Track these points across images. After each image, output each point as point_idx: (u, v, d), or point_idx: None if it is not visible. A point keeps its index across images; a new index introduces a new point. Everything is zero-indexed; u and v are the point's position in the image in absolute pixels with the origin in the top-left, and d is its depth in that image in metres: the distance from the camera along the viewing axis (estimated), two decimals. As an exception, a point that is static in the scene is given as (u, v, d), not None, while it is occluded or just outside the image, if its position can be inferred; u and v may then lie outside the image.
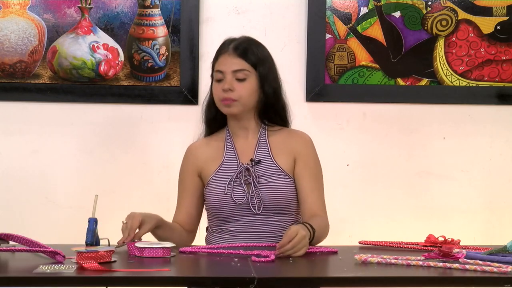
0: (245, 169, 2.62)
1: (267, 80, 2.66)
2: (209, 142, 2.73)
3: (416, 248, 2.49)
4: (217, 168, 2.65)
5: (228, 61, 2.64)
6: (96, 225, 2.36)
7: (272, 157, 2.65)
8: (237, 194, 2.60)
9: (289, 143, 2.68)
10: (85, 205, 3.03)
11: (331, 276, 2.15)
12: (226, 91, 2.61)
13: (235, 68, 2.63)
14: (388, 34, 3.45)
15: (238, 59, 2.64)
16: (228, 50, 2.65)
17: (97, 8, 3.37)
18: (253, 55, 2.65)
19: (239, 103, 2.62)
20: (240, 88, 2.62)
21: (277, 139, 2.69)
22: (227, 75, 2.63)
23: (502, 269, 2.05)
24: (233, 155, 2.66)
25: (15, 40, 3.36)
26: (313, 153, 2.70)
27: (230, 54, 2.64)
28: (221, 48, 2.69)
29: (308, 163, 2.66)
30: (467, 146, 3.50)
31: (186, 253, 2.35)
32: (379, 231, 3.35)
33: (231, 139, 2.69)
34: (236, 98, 2.61)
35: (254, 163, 2.63)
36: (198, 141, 2.76)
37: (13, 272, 2.10)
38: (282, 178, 2.63)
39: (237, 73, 2.63)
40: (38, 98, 3.37)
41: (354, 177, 3.47)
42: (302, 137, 2.72)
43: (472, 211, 3.50)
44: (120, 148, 3.41)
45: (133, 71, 3.39)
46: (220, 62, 2.66)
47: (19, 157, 3.38)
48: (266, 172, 2.62)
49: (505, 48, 3.48)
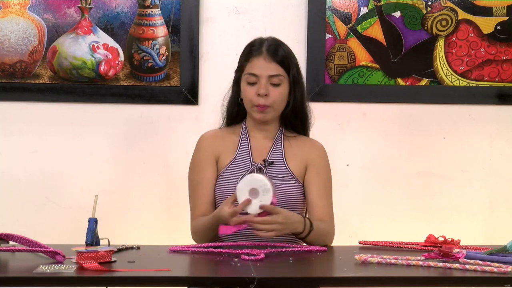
0: (257, 168, 2.62)
1: (298, 85, 2.67)
2: (224, 134, 2.72)
3: (416, 248, 2.49)
4: (229, 163, 2.65)
5: (264, 66, 2.61)
6: (96, 225, 2.36)
7: (285, 160, 2.66)
8: None
9: (303, 150, 2.69)
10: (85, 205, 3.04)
11: (331, 276, 2.15)
12: (262, 96, 2.60)
13: (271, 73, 2.61)
14: (388, 34, 3.45)
15: (274, 64, 2.62)
16: (263, 54, 2.62)
17: (97, 8, 3.37)
18: (287, 60, 2.64)
19: (272, 109, 2.62)
20: (274, 94, 2.61)
21: (292, 144, 2.69)
22: (262, 80, 2.61)
23: (502, 269, 2.05)
24: (247, 152, 2.66)
25: (15, 40, 3.36)
26: (325, 163, 2.71)
27: (266, 58, 2.62)
28: (253, 49, 2.65)
29: (319, 171, 2.68)
30: (467, 146, 3.50)
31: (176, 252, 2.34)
32: (379, 231, 3.35)
33: (247, 135, 2.69)
34: (270, 104, 2.61)
35: (267, 164, 2.64)
36: (213, 130, 2.74)
37: (13, 272, 2.10)
38: (292, 183, 2.63)
39: (272, 78, 2.61)
40: (38, 98, 3.37)
41: (354, 177, 3.47)
42: (317, 146, 2.73)
43: (472, 211, 3.50)
44: (120, 148, 3.41)
45: (133, 71, 3.39)
46: (254, 64, 2.62)
47: (19, 157, 3.38)
48: (278, 175, 2.63)
49: (505, 48, 3.48)
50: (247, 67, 2.64)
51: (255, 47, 2.66)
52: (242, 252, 2.26)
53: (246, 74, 2.64)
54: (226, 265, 2.18)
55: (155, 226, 3.38)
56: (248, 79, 2.63)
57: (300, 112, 2.71)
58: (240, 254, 2.25)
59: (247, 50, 2.67)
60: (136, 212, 3.39)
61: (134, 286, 2.00)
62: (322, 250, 2.42)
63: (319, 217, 2.61)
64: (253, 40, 2.70)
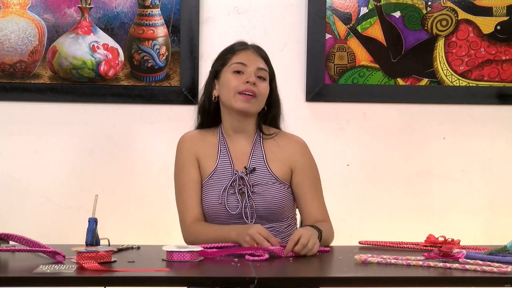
0: (239, 177, 2.58)
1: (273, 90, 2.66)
2: (204, 136, 2.67)
3: (416, 248, 2.49)
4: (211, 172, 2.61)
5: (253, 58, 2.61)
6: (96, 225, 2.36)
7: (267, 164, 2.61)
8: (230, 204, 2.56)
9: (285, 150, 2.64)
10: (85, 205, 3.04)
11: (331, 276, 2.15)
12: (251, 84, 2.56)
13: (260, 66, 2.61)
14: (388, 34, 3.45)
15: (261, 59, 2.63)
16: (250, 49, 2.63)
17: (97, 8, 3.37)
18: (269, 61, 2.66)
19: (257, 100, 2.59)
20: (261, 86, 2.59)
21: (273, 146, 2.65)
22: (251, 68, 2.59)
23: (502, 269, 2.05)
24: (228, 160, 2.62)
25: (15, 40, 3.36)
26: (309, 160, 2.67)
27: (254, 53, 2.63)
28: (236, 45, 2.65)
29: (306, 171, 2.64)
30: (467, 146, 3.50)
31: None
32: (379, 231, 3.35)
33: (225, 141, 2.65)
34: (257, 94, 2.57)
35: (249, 171, 2.60)
36: (192, 131, 2.71)
37: (13, 272, 2.10)
38: (276, 187, 2.60)
39: (260, 71, 2.60)
40: (38, 98, 3.37)
41: (354, 177, 3.47)
42: (298, 144, 2.68)
43: (472, 211, 3.50)
44: (120, 148, 3.41)
45: (133, 71, 3.39)
46: (242, 55, 2.61)
47: (19, 157, 3.38)
48: (261, 181, 2.59)
49: (505, 48, 3.48)
50: (233, 59, 2.61)
51: (238, 44, 2.65)
52: (246, 253, 2.26)
53: (233, 64, 2.60)
54: (226, 265, 2.18)
55: (155, 226, 3.38)
56: (236, 68, 2.59)
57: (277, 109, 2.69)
58: (244, 255, 2.25)
59: (230, 47, 2.66)
60: (136, 212, 3.39)
61: (134, 286, 2.00)
62: (324, 251, 2.41)
63: (317, 219, 2.59)
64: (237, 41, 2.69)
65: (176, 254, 2.19)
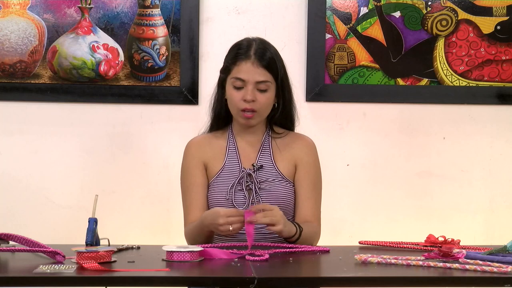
0: (247, 174, 2.61)
1: (284, 88, 2.64)
2: (211, 139, 2.70)
3: (416, 248, 2.49)
4: (219, 171, 2.64)
5: (252, 71, 2.57)
6: (96, 225, 2.35)
7: (274, 162, 2.64)
8: (238, 200, 2.59)
9: (292, 148, 2.67)
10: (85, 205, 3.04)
11: (331, 276, 2.15)
12: (248, 102, 2.57)
13: (259, 79, 2.57)
14: (388, 34, 3.45)
15: (262, 70, 2.57)
16: (251, 58, 2.57)
17: (97, 8, 3.37)
18: (275, 64, 2.60)
19: (258, 114, 2.60)
20: (261, 99, 2.58)
21: (280, 144, 2.67)
22: (249, 85, 2.57)
23: (502, 269, 2.05)
24: (235, 158, 2.65)
25: (15, 40, 3.36)
26: (314, 161, 2.69)
27: (254, 63, 2.57)
28: (240, 52, 2.60)
29: (309, 170, 2.66)
30: (467, 146, 3.50)
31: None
32: (379, 231, 3.35)
33: (234, 140, 2.68)
34: (256, 109, 2.58)
35: (256, 168, 2.63)
36: (199, 136, 2.73)
37: (13, 272, 2.10)
38: (282, 184, 2.63)
39: (259, 84, 2.58)
40: (38, 98, 3.37)
41: (354, 177, 3.47)
42: (306, 143, 2.70)
43: (472, 211, 3.50)
44: (120, 148, 3.41)
45: (133, 71, 3.39)
46: (242, 69, 2.58)
47: (19, 157, 3.38)
48: (268, 178, 2.62)
49: (505, 48, 3.48)
50: (233, 70, 2.59)
51: (243, 50, 2.59)
52: (246, 253, 2.26)
53: (232, 78, 2.59)
54: (226, 265, 2.17)
55: (155, 226, 3.38)
56: (235, 83, 2.58)
57: (289, 113, 2.69)
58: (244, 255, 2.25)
59: (234, 52, 2.62)
60: (136, 212, 3.39)
61: (134, 286, 2.00)
62: (324, 250, 2.41)
63: (305, 218, 2.60)
64: (241, 41, 2.64)
65: (176, 254, 2.19)
